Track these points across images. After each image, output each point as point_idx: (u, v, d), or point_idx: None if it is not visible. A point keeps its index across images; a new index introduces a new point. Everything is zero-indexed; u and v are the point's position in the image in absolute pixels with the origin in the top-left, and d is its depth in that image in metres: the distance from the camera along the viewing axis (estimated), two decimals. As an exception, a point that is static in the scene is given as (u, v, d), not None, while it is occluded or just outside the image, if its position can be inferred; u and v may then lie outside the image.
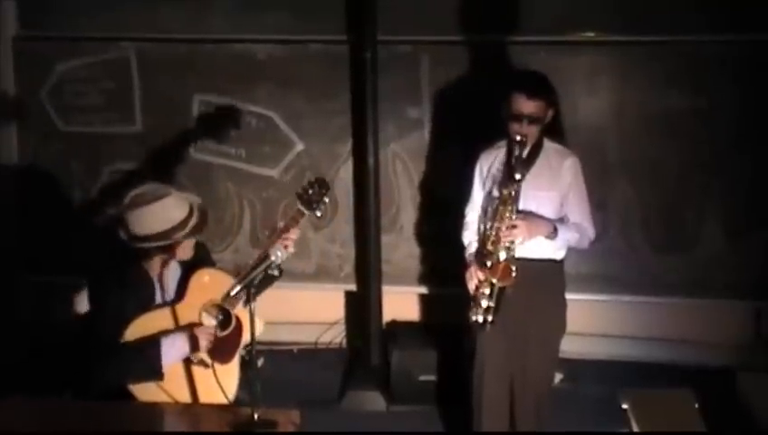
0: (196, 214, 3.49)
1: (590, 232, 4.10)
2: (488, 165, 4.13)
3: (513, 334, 4.03)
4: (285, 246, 3.47)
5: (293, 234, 3.52)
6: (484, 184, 4.14)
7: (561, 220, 4.03)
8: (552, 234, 3.95)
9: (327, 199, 3.61)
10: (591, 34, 5.30)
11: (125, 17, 5.52)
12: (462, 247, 4.21)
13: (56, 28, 5.61)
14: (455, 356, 5.00)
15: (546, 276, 4.01)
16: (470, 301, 4.01)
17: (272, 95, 5.54)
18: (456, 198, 4.41)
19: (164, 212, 3.38)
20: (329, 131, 5.55)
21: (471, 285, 3.99)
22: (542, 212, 3.98)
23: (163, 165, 5.55)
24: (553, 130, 4.13)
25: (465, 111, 5.23)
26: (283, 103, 5.54)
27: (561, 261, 4.13)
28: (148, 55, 5.57)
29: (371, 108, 5.26)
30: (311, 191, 3.57)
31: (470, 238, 4.17)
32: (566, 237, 4.01)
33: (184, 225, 3.42)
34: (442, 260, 5.31)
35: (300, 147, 5.57)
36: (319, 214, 3.60)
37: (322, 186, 3.59)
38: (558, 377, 5.26)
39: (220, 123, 5.54)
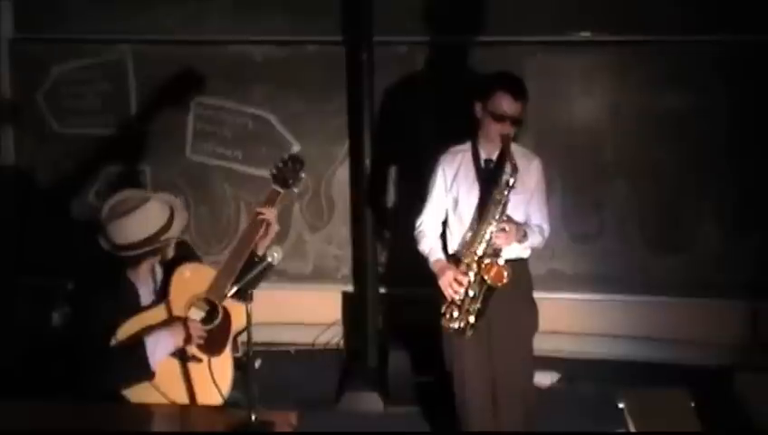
0: (177, 214, 3.44)
1: (547, 232, 4.11)
2: (453, 170, 4.08)
3: (489, 336, 4.02)
4: (264, 227, 3.46)
5: (267, 212, 3.49)
6: (448, 190, 4.09)
7: (527, 223, 4.04)
8: (523, 238, 3.97)
9: (303, 175, 3.55)
10: (587, 34, 5.31)
11: (121, 19, 5.52)
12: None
13: (52, 30, 5.61)
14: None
15: (516, 276, 3.95)
16: (445, 308, 3.99)
17: (268, 97, 5.55)
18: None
19: (146, 219, 3.35)
20: (325, 133, 5.55)
21: (451, 292, 3.94)
22: (516, 213, 3.97)
23: (160, 167, 5.56)
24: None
25: (462, 111, 5.23)
26: (280, 105, 5.55)
27: (527, 259, 4.14)
28: (144, 57, 5.58)
29: (368, 109, 5.26)
30: (284, 168, 3.53)
31: (430, 245, 4.12)
32: (532, 241, 4.03)
33: (167, 228, 3.39)
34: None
35: (296, 148, 5.57)
36: (296, 190, 3.56)
37: (296, 161, 3.55)
38: (554, 377, 5.28)
39: (217, 125, 5.56)
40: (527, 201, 4.04)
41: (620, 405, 3.46)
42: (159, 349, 3.30)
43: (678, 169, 5.34)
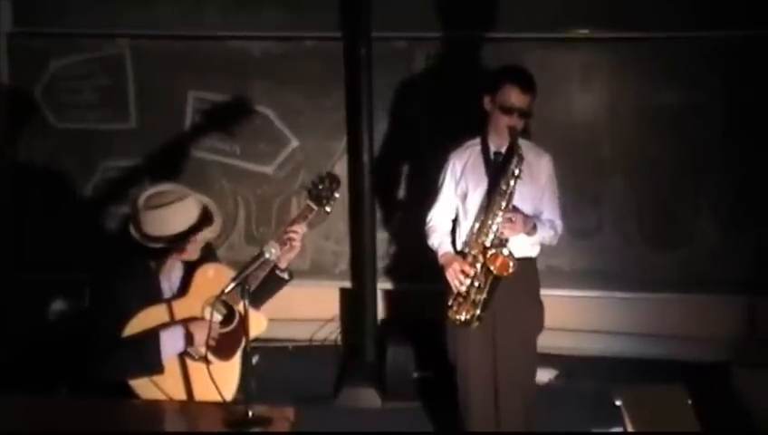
0: (209, 216, 3.44)
1: (560, 229, 4.13)
2: (462, 165, 4.10)
3: (494, 334, 4.04)
4: (288, 242, 3.47)
5: (299, 229, 3.50)
6: (458, 184, 4.11)
7: (537, 217, 4.04)
8: (532, 230, 3.97)
9: (338, 195, 3.57)
10: (586, 31, 5.31)
11: (120, 14, 5.52)
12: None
13: (51, 25, 5.60)
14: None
15: (523, 274, 3.97)
16: (452, 301, 4.00)
17: (267, 92, 5.54)
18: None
19: (181, 214, 3.34)
20: (324, 128, 5.55)
21: (457, 283, 3.96)
22: (524, 206, 3.98)
23: (158, 162, 5.55)
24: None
25: (460, 107, 5.23)
26: (278, 100, 5.54)
27: (536, 258, 4.15)
28: (143, 52, 5.57)
29: (366, 104, 5.27)
30: (321, 186, 3.53)
31: (439, 239, 4.13)
32: (543, 235, 4.04)
33: (198, 228, 3.39)
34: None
35: (295, 143, 5.57)
36: (329, 209, 3.55)
37: (333, 181, 3.55)
38: (552, 373, 5.28)
39: (215, 120, 5.56)
40: (539, 197, 4.06)
41: (617, 402, 3.46)
42: (173, 345, 3.29)
43: (676, 165, 5.34)
